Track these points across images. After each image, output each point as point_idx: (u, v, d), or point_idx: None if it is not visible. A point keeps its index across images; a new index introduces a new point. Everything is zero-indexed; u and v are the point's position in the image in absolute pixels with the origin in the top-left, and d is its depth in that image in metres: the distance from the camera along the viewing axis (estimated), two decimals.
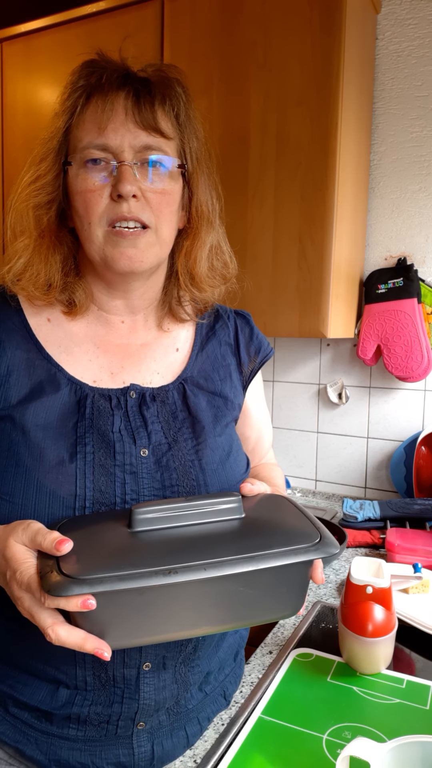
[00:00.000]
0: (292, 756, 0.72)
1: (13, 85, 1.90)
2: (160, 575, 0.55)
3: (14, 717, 0.78)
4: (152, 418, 0.79)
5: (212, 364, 0.88)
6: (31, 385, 0.76)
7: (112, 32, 1.69)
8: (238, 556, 0.58)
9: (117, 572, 0.55)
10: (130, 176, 0.73)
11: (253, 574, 0.60)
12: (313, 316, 1.49)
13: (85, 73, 0.77)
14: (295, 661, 0.91)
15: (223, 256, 0.88)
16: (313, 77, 1.43)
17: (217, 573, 0.57)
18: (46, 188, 0.78)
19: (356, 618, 0.85)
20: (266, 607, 0.64)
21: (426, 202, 1.70)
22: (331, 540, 0.63)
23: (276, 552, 0.60)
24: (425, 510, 1.52)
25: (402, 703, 0.82)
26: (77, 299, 0.81)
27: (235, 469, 0.82)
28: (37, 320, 0.81)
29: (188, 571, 0.56)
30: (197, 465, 0.78)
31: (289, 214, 1.50)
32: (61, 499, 0.71)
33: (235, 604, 0.62)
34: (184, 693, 0.78)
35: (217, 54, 1.54)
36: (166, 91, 0.78)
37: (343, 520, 1.54)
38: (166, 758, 0.77)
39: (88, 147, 0.74)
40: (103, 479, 0.73)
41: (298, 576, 0.64)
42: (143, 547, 0.60)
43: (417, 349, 1.64)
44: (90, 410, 0.76)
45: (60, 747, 0.75)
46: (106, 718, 0.74)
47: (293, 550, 0.60)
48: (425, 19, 1.65)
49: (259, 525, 0.66)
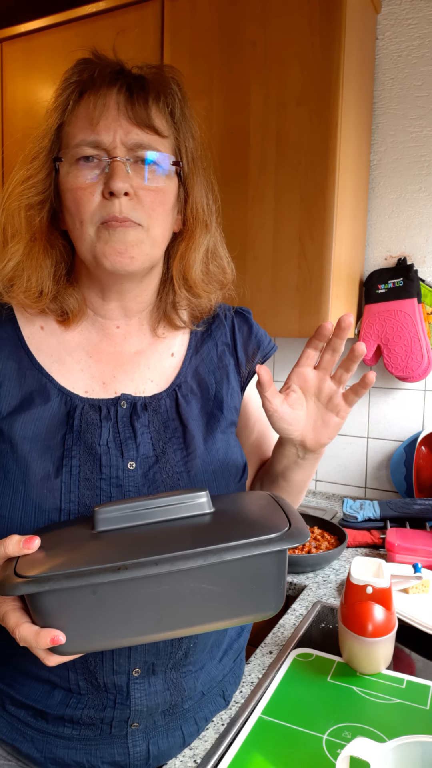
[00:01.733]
0: (292, 756, 0.72)
1: (13, 85, 1.90)
2: (109, 572, 0.54)
3: (11, 715, 0.78)
4: (142, 428, 0.77)
5: (207, 366, 0.86)
6: (21, 396, 0.75)
7: (112, 32, 1.69)
8: (193, 550, 0.55)
9: (66, 570, 0.54)
10: (122, 173, 0.71)
11: (211, 569, 0.56)
12: (313, 316, 1.49)
13: (78, 70, 0.75)
14: (295, 661, 0.91)
15: (220, 261, 0.86)
16: (313, 77, 1.43)
17: (169, 568, 0.54)
18: (37, 187, 0.76)
19: (356, 618, 0.85)
20: (235, 606, 0.60)
21: (426, 202, 1.70)
22: (300, 530, 0.58)
23: (233, 545, 0.56)
24: (425, 510, 1.52)
25: (402, 703, 0.82)
26: (70, 308, 0.79)
27: (227, 478, 0.80)
28: (30, 329, 0.80)
29: (139, 567, 0.54)
30: (185, 477, 0.76)
31: (289, 214, 1.50)
32: (47, 513, 0.70)
33: (198, 603, 0.58)
34: (177, 698, 0.78)
35: (217, 54, 1.54)
36: (161, 88, 0.75)
37: (343, 520, 1.54)
38: (162, 757, 0.77)
39: (81, 144, 0.72)
40: (88, 493, 0.72)
41: (268, 570, 0.59)
42: (100, 546, 0.59)
43: (417, 349, 1.64)
44: (78, 422, 0.75)
45: (55, 745, 0.76)
46: (99, 720, 0.75)
47: (253, 542, 0.56)
48: (425, 19, 1.65)
49: (225, 519, 0.63)
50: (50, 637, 0.55)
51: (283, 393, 0.77)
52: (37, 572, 0.55)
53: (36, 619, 0.57)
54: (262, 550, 0.56)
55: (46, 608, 0.56)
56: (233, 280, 0.88)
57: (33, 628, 0.56)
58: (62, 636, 0.55)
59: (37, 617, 0.56)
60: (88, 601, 0.56)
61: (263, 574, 0.59)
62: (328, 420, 0.77)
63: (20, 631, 0.56)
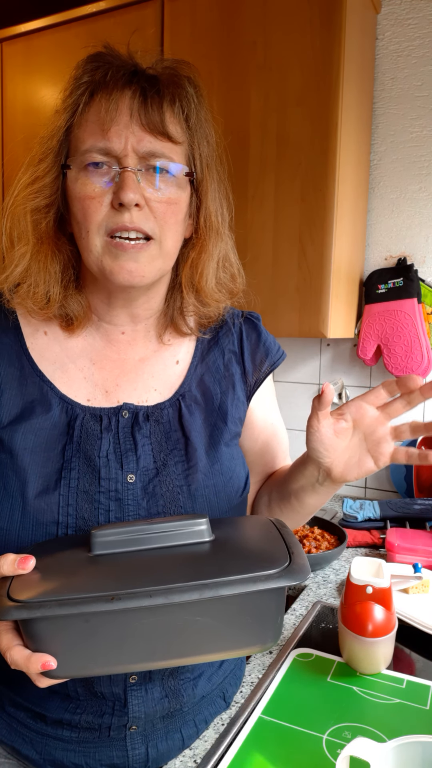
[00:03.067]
0: (292, 756, 0.72)
1: (13, 85, 1.90)
2: (102, 601, 0.53)
3: (10, 716, 0.78)
4: (143, 440, 0.75)
5: (213, 375, 0.83)
6: (22, 405, 0.74)
7: (112, 32, 1.69)
8: (189, 582, 0.54)
9: (59, 597, 0.54)
10: (132, 184, 0.68)
11: (208, 602, 0.55)
12: (313, 316, 1.49)
13: (89, 68, 0.71)
14: (295, 661, 0.91)
15: (231, 268, 0.83)
16: (313, 77, 1.43)
17: (164, 600, 0.53)
18: (44, 191, 0.73)
19: (356, 618, 0.85)
20: (230, 639, 0.58)
21: (426, 202, 1.70)
22: (301, 567, 0.57)
23: (231, 579, 0.54)
24: (425, 510, 1.52)
25: (402, 703, 0.82)
26: (74, 314, 0.77)
27: (229, 492, 0.78)
28: (33, 335, 0.78)
29: (132, 598, 0.53)
30: (186, 491, 0.75)
31: (289, 214, 1.50)
32: (44, 527, 0.69)
33: (193, 635, 0.57)
34: (176, 704, 0.77)
35: (217, 54, 1.54)
36: (176, 90, 0.72)
37: (343, 520, 1.54)
38: (161, 760, 0.77)
39: (90, 150, 0.69)
40: (86, 506, 0.71)
41: (265, 605, 0.58)
42: (95, 572, 0.58)
43: (417, 349, 1.64)
44: (78, 433, 0.73)
45: (54, 747, 0.76)
46: (97, 725, 0.74)
47: (251, 578, 0.55)
48: (425, 19, 1.65)
49: (225, 549, 0.61)
50: (41, 663, 0.54)
51: (334, 416, 0.74)
52: (31, 596, 0.54)
53: (28, 642, 0.56)
54: (259, 587, 0.55)
55: (38, 633, 0.56)
56: (243, 288, 0.85)
57: (24, 652, 0.56)
58: (53, 662, 0.55)
59: (29, 641, 0.56)
60: (81, 629, 0.55)
61: (260, 609, 0.58)
62: (364, 462, 0.74)
63: (11, 654, 0.56)
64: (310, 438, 0.74)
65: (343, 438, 0.74)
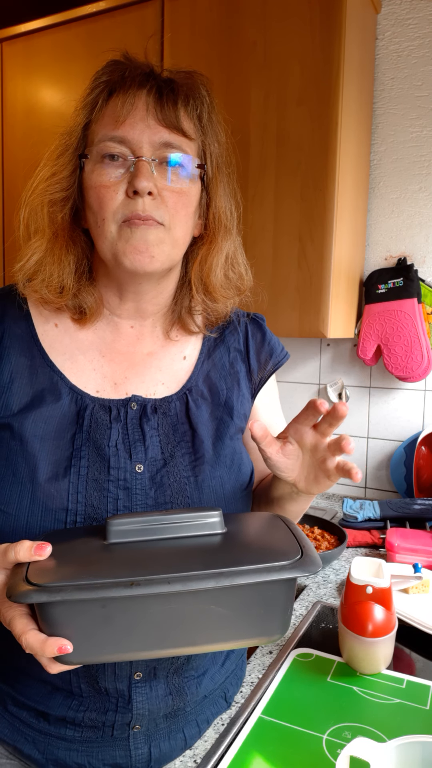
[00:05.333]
0: (292, 756, 0.72)
1: (13, 85, 1.90)
2: (121, 587, 0.53)
3: (12, 715, 0.78)
4: (151, 431, 0.77)
5: (219, 372, 0.85)
6: (32, 393, 0.75)
7: (112, 32, 1.69)
8: (206, 571, 0.55)
9: (78, 582, 0.54)
10: (147, 172, 0.71)
11: (222, 591, 0.57)
12: (313, 316, 1.49)
13: (108, 70, 0.76)
14: (295, 661, 0.91)
15: (239, 266, 0.85)
16: (313, 77, 1.43)
17: (181, 588, 0.54)
18: (61, 183, 0.76)
19: (356, 618, 0.85)
20: (241, 629, 0.60)
21: (426, 202, 1.70)
22: (313, 559, 0.58)
23: (247, 569, 0.56)
24: (425, 510, 1.52)
25: (402, 703, 0.82)
26: (87, 306, 0.79)
27: (234, 485, 0.80)
28: (44, 326, 0.80)
29: (150, 584, 0.54)
30: (193, 482, 0.76)
31: (289, 214, 1.50)
32: (53, 513, 0.70)
33: (205, 623, 0.59)
34: (180, 702, 0.78)
35: (217, 54, 1.54)
36: (190, 91, 0.76)
37: (343, 520, 1.54)
38: (164, 760, 0.77)
39: (104, 139, 0.72)
40: (95, 494, 0.72)
41: (276, 596, 0.60)
42: (112, 559, 0.59)
43: (417, 349, 1.64)
44: (88, 422, 0.75)
45: (57, 747, 0.76)
46: (101, 723, 0.75)
47: (266, 568, 0.56)
48: (425, 19, 1.65)
49: (238, 541, 0.63)
50: (57, 647, 0.54)
51: (280, 441, 0.74)
52: (48, 581, 0.54)
53: (43, 627, 0.57)
54: (274, 577, 0.56)
55: (54, 618, 0.56)
56: (251, 286, 0.87)
57: (40, 636, 0.56)
58: (69, 646, 0.55)
59: (44, 626, 0.56)
60: (97, 614, 0.56)
61: (272, 600, 0.60)
62: (319, 478, 0.74)
63: (27, 638, 0.56)
64: (269, 465, 0.74)
65: (294, 458, 0.73)
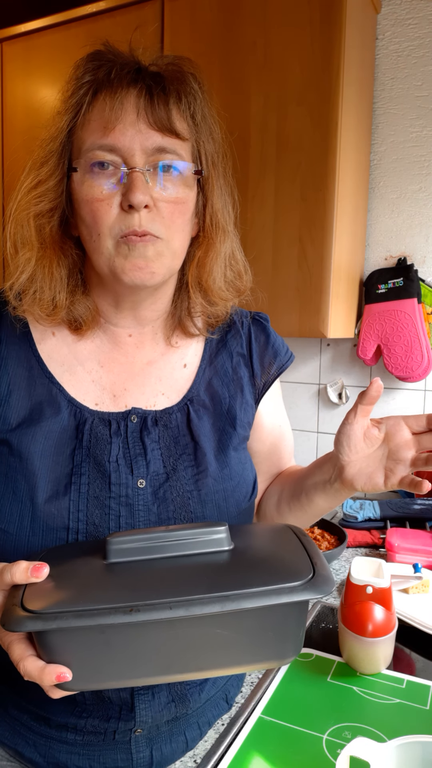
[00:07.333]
0: (292, 756, 0.72)
1: (13, 85, 1.90)
2: (120, 613, 0.51)
3: (13, 718, 0.78)
4: (152, 444, 0.74)
5: (221, 379, 0.82)
6: (31, 406, 0.73)
7: (112, 32, 1.68)
8: (210, 594, 0.52)
9: (75, 608, 0.51)
10: (141, 185, 0.67)
11: (228, 615, 0.53)
12: (313, 316, 1.49)
13: (91, 67, 0.70)
14: (295, 661, 0.91)
15: (237, 266, 0.82)
16: (313, 77, 1.43)
17: (184, 613, 0.51)
18: (47, 195, 0.71)
19: (356, 618, 0.85)
20: (249, 653, 0.56)
21: (426, 202, 1.70)
22: (325, 579, 0.54)
23: (253, 591, 0.52)
24: (425, 510, 1.52)
25: (402, 703, 0.82)
26: (82, 317, 0.76)
27: (238, 497, 0.78)
28: (42, 335, 0.77)
29: (151, 610, 0.51)
30: (196, 496, 0.74)
31: (289, 214, 1.50)
32: (54, 532, 0.68)
33: (211, 648, 0.55)
34: (183, 709, 0.77)
35: (217, 54, 1.54)
36: (181, 87, 0.71)
37: (343, 520, 1.54)
38: (165, 762, 0.77)
39: (93, 148, 0.67)
40: (97, 512, 0.70)
41: (286, 618, 0.56)
42: (111, 582, 0.56)
43: (417, 349, 1.64)
44: (88, 437, 0.72)
45: (58, 750, 0.75)
46: (103, 729, 0.74)
47: (274, 590, 0.52)
48: (425, 19, 1.65)
49: (245, 559, 0.59)
50: (56, 675, 0.53)
51: (370, 421, 0.73)
52: (45, 606, 0.52)
53: (41, 653, 0.54)
54: (283, 600, 0.52)
55: (52, 645, 0.54)
56: (250, 286, 0.84)
57: (38, 663, 0.54)
58: (69, 674, 0.53)
59: (42, 652, 0.54)
60: (96, 641, 0.53)
61: (282, 623, 0.56)
62: (375, 476, 0.73)
63: (25, 665, 0.54)
64: (341, 429, 0.74)
65: (370, 445, 0.73)
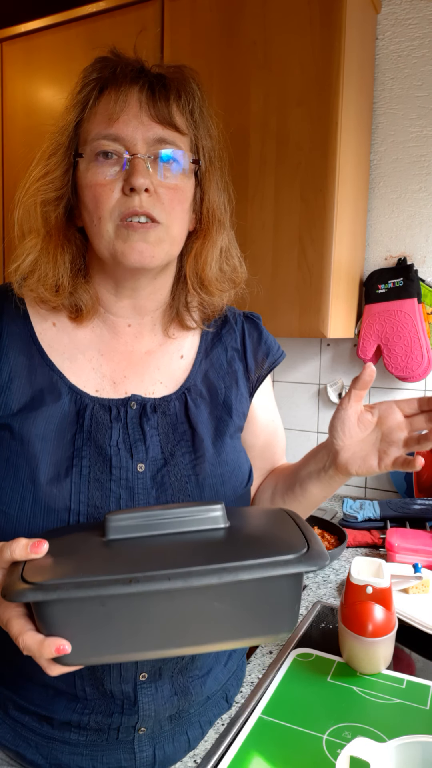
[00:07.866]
0: (292, 756, 0.72)
1: (13, 85, 1.90)
2: (120, 584, 0.51)
3: (14, 720, 0.77)
4: (151, 431, 0.77)
5: (217, 371, 0.85)
6: (31, 393, 0.75)
7: (112, 32, 1.69)
8: (208, 566, 0.53)
9: (75, 579, 0.52)
10: (143, 169, 0.71)
11: (225, 587, 0.54)
12: (313, 316, 1.49)
13: (98, 67, 0.75)
14: (295, 661, 0.91)
15: (233, 260, 0.86)
16: (313, 77, 1.43)
17: (182, 584, 0.52)
18: (55, 183, 0.76)
19: (356, 618, 0.85)
20: (246, 626, 0.57)
21: (426, 202, 1.70)
22: (319, 552, 0.56)
23: (251, 564, 0.53)
24: (425, 510, 1.52)
25: (402, 703, 0.82)
26: (84, 304, 0.79)
27: (234, 483, 0.80)
28: (42, 325, 0.79)
29: (150, 581, 0.51)
30: (194, 481, 0.76)
31: (289, 214, 1.50)
32: (56, 513, 0.70)
33: (208, 621, 0.56)
34: (185, 703, 0.77)
35: (217, 54, 1.54)
36: (182, 86, 0.76)
37: (343, 520, 1.54)
38: (167, 762, 0.77)
39: (98, 137, 0.72)
40: (98, 494, 0.71)
41: (283, 592, 0.57)
42: (110, 555, 0.57)
43: (417, 349, 1.64)
44: (89, 422, 0.74)
45: (61, 751, 0.75)
46: (106, 726, 0.74)
47: (271, 563, 0.54)
48: (425, 19, 1.65)
49: (241, 535, 0.60)
50: (55, 647, 0.53)
51: (363, 407, 0.77)
52: (45, 579, 0.52)
53: (41, 627, 0.55)
54: (279, 572, 0.53)
55: (52, 617, 0.54)
56: (245, 279, 0.88)
57: (37, 636, 0.54)
58: (68, 646, 0.53)
59: (42, 626, 0.55)
60: (96, 613, 0.54)
61: (278, 596, 0.57)
62: (369, 459, 0.76)
63: (24, 639, 0.54)
64: (335, 415, 0.78)
65: (363, 429, 0.77)
